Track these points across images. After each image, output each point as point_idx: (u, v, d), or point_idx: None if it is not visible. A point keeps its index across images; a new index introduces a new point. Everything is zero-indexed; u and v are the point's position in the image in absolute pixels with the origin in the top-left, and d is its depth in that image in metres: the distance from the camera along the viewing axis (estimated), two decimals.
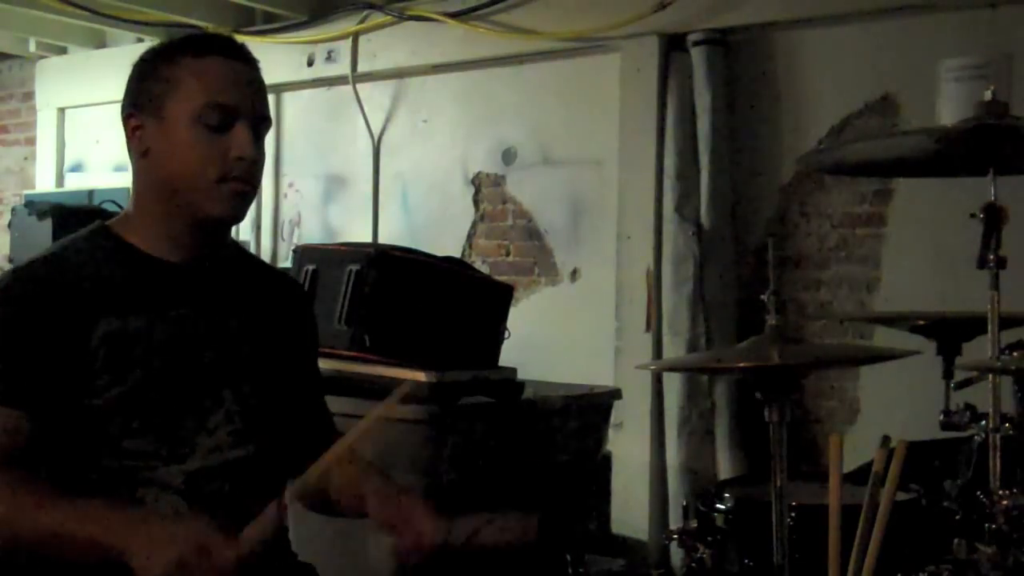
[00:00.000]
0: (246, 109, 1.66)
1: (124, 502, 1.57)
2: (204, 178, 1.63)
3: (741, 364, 1.97)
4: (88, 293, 1.60)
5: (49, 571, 1.56)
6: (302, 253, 3.43)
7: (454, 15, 4.57)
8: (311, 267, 3.28)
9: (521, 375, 3.31)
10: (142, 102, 1.67)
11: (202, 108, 1.62)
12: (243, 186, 1.66)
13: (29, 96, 6.34)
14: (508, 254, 4.65)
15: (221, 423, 1.67)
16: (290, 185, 5.35)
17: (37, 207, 4.78)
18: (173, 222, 1.67)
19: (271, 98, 1.94)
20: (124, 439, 1.59)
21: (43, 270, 1.62)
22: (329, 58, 5.03)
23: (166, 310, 1.65)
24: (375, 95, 5.03)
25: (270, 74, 1.77)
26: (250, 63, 1.70)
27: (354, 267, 3.13)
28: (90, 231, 1.71)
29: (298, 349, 1.86)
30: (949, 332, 2.30)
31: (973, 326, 2.22)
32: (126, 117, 1.69)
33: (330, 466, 1.60)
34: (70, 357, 1.57)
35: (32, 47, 6.03)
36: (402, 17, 4.75)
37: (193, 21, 5.19)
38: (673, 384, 3.95)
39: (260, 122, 1.69)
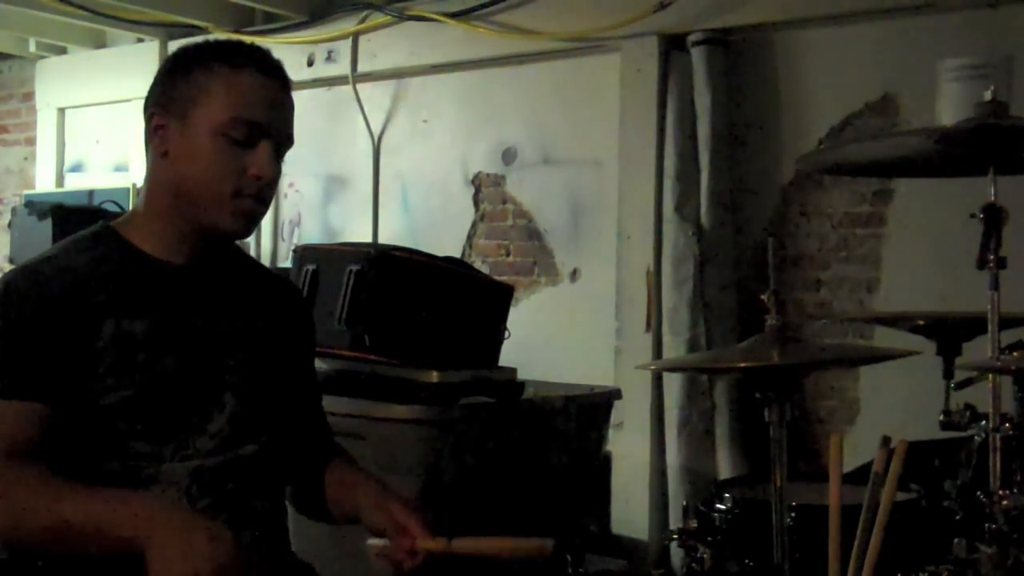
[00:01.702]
0: (273, 128, 1.65)
1: (145, 492, 1.57)
2: (219, 191, 1.63)
3: (741, 364, 1.97)
4: (93, 295, 1.60)
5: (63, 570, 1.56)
6: (302, 253, 3.43)
7: (454, 15, 4.57)
8: (311, 267, 3.28)
9: (521, 375, 3.31)
10: (168, 102, 1.65)
11: (230, 121, 1.62)
12: (256, 205, 1.66)
13: (29, 96, 6.34)
14: (508, 254, 4.65)
15: (223, 425, 1.67)
16: (290, 185, 5.35)
17: (37, 207, 4.78)
18: (180, 225, 1.67)
19: None
20: (128, 440, 1.59)
21: (48, 270, 1.62)
22: (329, 58, 5.03)
23: (169, 313, 1.65)
24: (375, 95, 5.03)
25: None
26: (284, 82, 1.70)
27: (354, 267, 3.14)
28: (94, 231, 1.71)
29: (296, 352, 1.87)
30: (949, 332, 2.30)
31: (973, 326, 2.22)
32: (150, 114, 1.67)
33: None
34: (76, 358, 1.57)
35: (32, 47, 6.03)
36: (402, 17, 4.75)
37: (193, 21, 5.19)
38: (673, 384, 3.94)
39: (283, 142, 1.68)
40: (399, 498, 1.73)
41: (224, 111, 1.62)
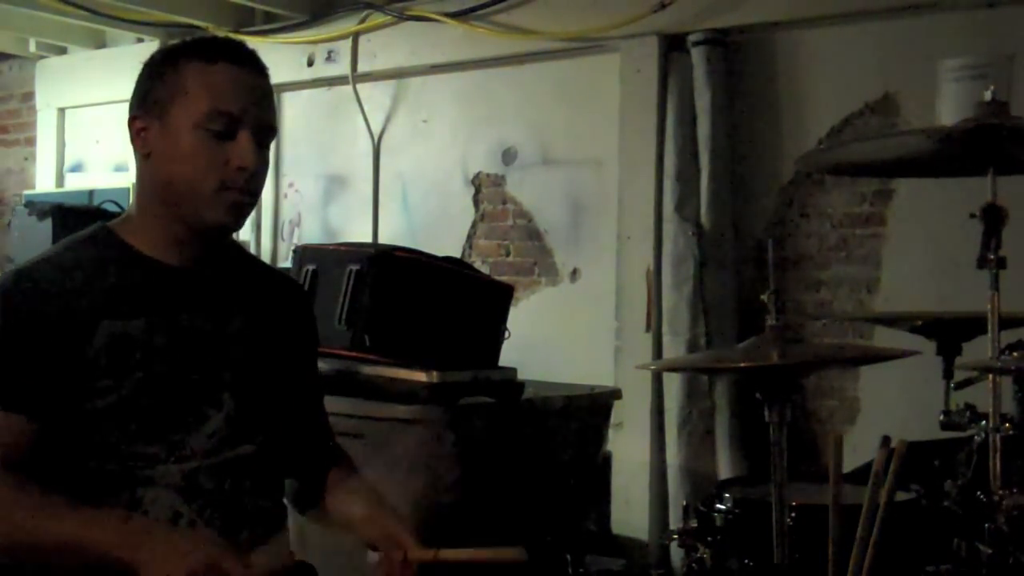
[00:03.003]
0: (251, 118, 1.65)
1: (133, 514, 1.56)
2: (204, 185, 1.62)
3: (741, 364, 1.97)
4: (90, 296, 1.60)
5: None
6: (302, 253, 3.43)
7: (454, 15, 4.57)
8: (311, 267, 3.28)
9: (521, 375, 3.31)
10: (147, 104, 1.66)
11: (206, 114, 1.61)
12: (242, 196, 1.65)
13: (29, 96, 6.34)
14: (508, 254, 4.65)
15: (220, 425, 1.66)
16: (290, 185, 5.35)
17: (37, 207, 4.77)
18: (173, 225, 1.67)
19: None
20: (123, 442, 1.59)
21: (45, 272, 1.62)
22: (329, 58, 5.03)
23: (167, 314, 1.65)
24: (375, 95, 5.03)
25: (270, 74, 1.77)
26: (259, 71, 1.69)
27: (354, 267, 3.13)
28: (91, 232, 1.70)
29: (298, 350, 1.86)
30: (949, 332, 2.30)
31: (973, 326, 2.22)
32: (131, 119, 1.69)
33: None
34: (71, 360, 1.56)
35: (32, 47, 6.03)
36: (402, 17, 4.75)
37: (193, 21, 5.19)
38: (673, 384, 3.94)
39: (264, 131, 1.68)
40: (392, 512, 1.74)
41: (201, 104, 1.62)
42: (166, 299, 1.66)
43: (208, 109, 1.62)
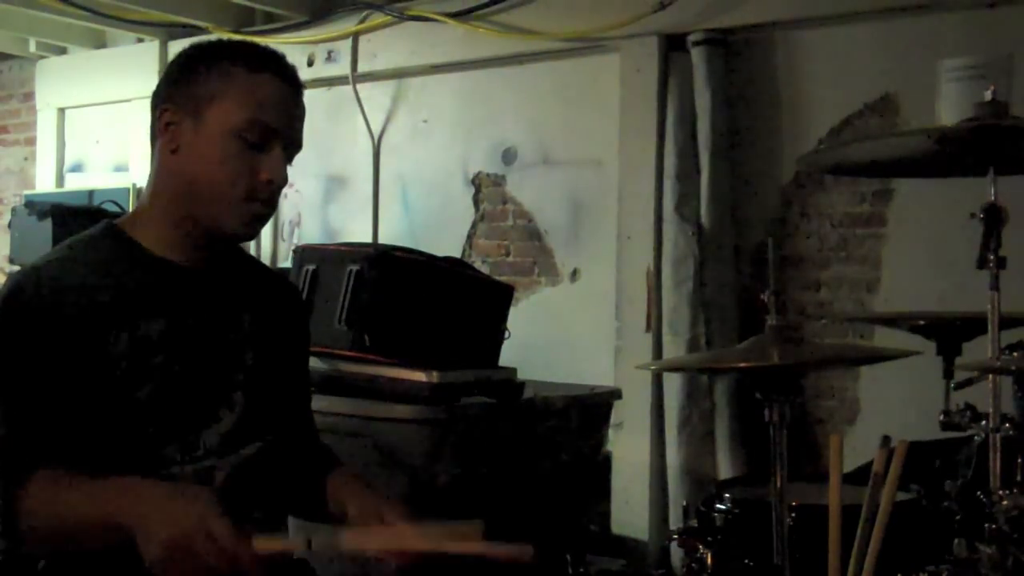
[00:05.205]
0: (286, 133, 1.66)
1: (136, 479, 1.53)
2: (230, 192, 1.63)
3: (741, 364, 1.97)
4: (106, 297, 1.60)
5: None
6: (302, 253, 3.43)
7: (454, 15, 4.57)
8: (311, 267, 3.28)
9: (521, 375, 3.31)
10: (182, 99, 1.65)
11: (247, 123, 1.62)
12: (265, 209, 1.67)
13: (29, 96, 6.34)
14: (508, 254, 4.65)
15: (232, 425, 1.68)
16: (290, 185, 5.32)
17: (37, 207, 4.78)
18: (184, 224, 1.67)
19: None
20: (139, 441, 1.59)
21: (60, 272, 1.61)
22: (329, 58, 5.03)
23: (182, 315, 1.66)
24: (375, 95, 5.03)
25: None
26: (298, 89, 1.71)
27: (354, 267, 3.13)
28: (99, 231, 1.70)
29: (295, 351, 1.89)
30: (949, 332, 2.30)
31: (973, 326, 2.22)
32: (161, 110, 1.67)
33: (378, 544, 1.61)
34: (88, 360, 1.56)
35: (32, 47, 6.03)
36: (402, 17, 4.75)
37: (193, 21, 5.19)
38: (673, 384, 3.94)
39: (294, 148, 1.70)
40: (388, 502, 1.74)
41: (242, 112, 1.62)
42: (180, 300, 1.67)
43: (249, 117, 1.62)
